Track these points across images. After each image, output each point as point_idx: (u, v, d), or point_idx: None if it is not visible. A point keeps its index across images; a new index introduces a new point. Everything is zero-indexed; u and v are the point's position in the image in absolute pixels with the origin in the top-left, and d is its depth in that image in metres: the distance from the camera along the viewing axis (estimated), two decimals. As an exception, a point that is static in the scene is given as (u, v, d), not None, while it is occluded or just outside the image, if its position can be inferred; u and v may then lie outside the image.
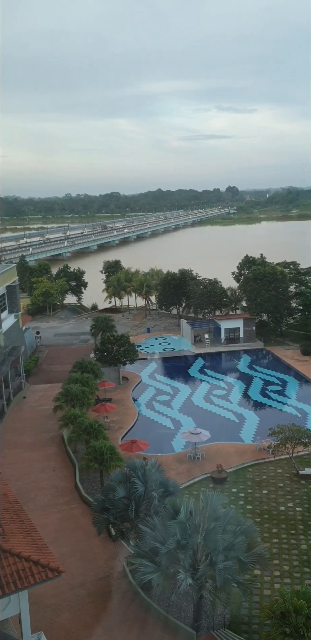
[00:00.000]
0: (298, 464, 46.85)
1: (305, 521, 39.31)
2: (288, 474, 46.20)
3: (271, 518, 39.85)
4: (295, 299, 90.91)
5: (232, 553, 27.60)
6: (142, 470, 33.70)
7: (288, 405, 63.27)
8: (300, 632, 24.08)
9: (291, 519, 39.74)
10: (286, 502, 41.87)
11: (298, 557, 35.45)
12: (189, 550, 27.16)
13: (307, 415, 59.68)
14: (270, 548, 35.59)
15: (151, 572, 27.49)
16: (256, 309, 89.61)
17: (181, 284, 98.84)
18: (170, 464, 47.59)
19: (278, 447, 46.68)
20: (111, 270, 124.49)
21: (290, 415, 58.79)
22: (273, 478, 45.71)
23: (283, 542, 37.08)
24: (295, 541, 37.09)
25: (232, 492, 43.43)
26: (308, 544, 36.74)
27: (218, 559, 26.94)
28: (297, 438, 46.06)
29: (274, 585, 32.64)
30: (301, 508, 41.03)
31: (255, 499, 42.51)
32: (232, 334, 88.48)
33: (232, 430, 56.65)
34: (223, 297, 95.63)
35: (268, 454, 49.05)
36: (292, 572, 34.04)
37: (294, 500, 42.10)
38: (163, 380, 72.77)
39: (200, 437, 49.57)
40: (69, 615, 30.14)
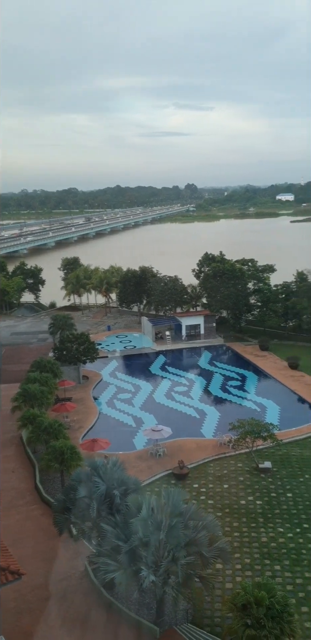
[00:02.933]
0: (257, 457, 47.50)
1: (265, 514, 39.90)
2: (248, 467, 46.81)
3: (232, 512, 40.29)
4: (254, 295, 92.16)
5: (194, 548, 27.80)
6: (104, 469, 33.54)
7: (248, 400, 64.10)
8: (261, 623, 24.44)
9: (252, 512, 40.27)
10: (247, 496, 42.41)
11: (259, 549, 35.95)
12: (152, 547, 27.17)
13: (266, 409, 60.59)
14: (231, 542, 35.98)
15: (114, 571, 27.40)
16: (216, 306, 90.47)
17: (142, 281, 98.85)
18: (132, 461, 47.53)
19: (238, 441, 47.26)
20: (70, 268, 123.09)
21: (250, 410, 59.55)
22: (233, 472, 46.23)
23: (244, 535, 37.54)
24: (255, 534, 37.61)
25: (193, 488, 43.71)
26: (268, 536, 37.30)
27: (180, 554, 27.07)
28: (256, 432, 46.69)
29: (235, 579, 33.00)
30: (261, 501, 41.62)
31: (216, 494, 42.89)
32: (193, 331, 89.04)
33: (193, 426, 57.00)
34: (184, 294, 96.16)
35: (229, 448, 49.63)
36: (253, 564, 34.50)
37: (254, 494, 42.68)
38: (124, 378, 72.60)
39: (162, 434, 49.68)
40: (30, 618, 29.73)
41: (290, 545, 36.18)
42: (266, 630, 24.36)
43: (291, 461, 47.73)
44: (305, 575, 33.30)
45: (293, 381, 68.33)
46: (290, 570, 33.84)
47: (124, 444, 52.37)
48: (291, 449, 50.11)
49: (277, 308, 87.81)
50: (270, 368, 73.97)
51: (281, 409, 60.54)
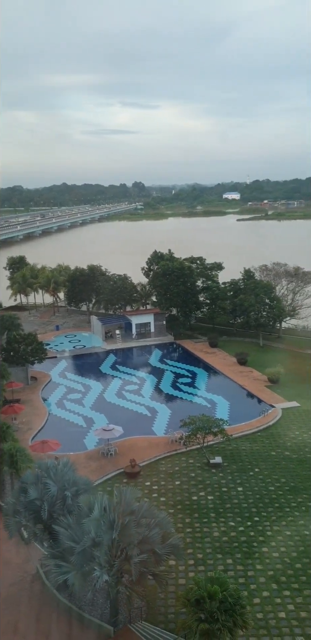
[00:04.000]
0: (208, 453, 48.01)
1: (216, 509, 40.38)
2: (200, 463, 47.26)
3: (185, 508, 40.58)
4: (203, 293, 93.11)
5: (147, 546, 27.82)
6: (55, 470, 33.11)
7: (198, 396, 64.72)
8: (215, 617, 24.71)
9: (204, 507, 40.68)
10: (198, 492, 42.80)
11: (211, 544, 36.36)
12: (105, 546, 27.03)
13: (216, 405, 61.34)
14: (184, 538, 36.23)
15: (66, 572, 27.12)
16: (165, 304, 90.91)
17: (90, 280, 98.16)
18: (83, 462, 47.15)
19: (190, 438, 47.67)
20: (16, 267, 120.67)
21: (200, 406, 60.15)
22: (185, 469, 46.55)
23: (197, 531, 37.88)
24: (207, 529, 38.00)
25: (146, 486, 43.76)
26: (220, 531, 37.77)
27: (133, 553, 27.04)
28: (207, 428, 47.23)
29: (189, 574, 33.24)
30: (212, 496, 42.09)
31: (168, 491, 43.08)
32: (143, 329, 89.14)
33: (145, 424, 57.06)
34: (133, 293, 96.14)
35: (180, 445, 49.93)
36: (206, 559, 34.85)
37: (206, 489, 43.12)
38: (73, 379, 71.88)
39: (113, 433, 49.51)
40: (-20, 625, 29.00)
41: (241, 539, 36.76)
42: (220, 623, 24.66)
43: (241, 455, 48.50)
44: (256, 567, 33.92)
45: (242, 377, 69.46)
46: (241, 563, 34.38)
47: (75, 445, 51.87)
48: (241, 443, 50.92)
49: (226, 305, 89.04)
50: (220, 364, 74.93)
51: (231, 405, 61.44)
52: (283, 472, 45.46)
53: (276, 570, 33.66)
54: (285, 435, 52.51)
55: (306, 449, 49.38)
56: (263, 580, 32.78)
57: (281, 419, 56.11)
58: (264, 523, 38.52)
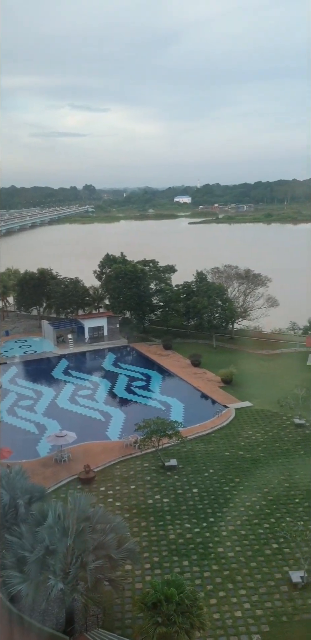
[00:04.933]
0: (163, 456, 47.99)
1: (172, 511, 40.36)
2: (155, 466, 47.16)
3: (140, 512, 40.38)
4: (156, 295, 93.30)
5: (102, 552, 27.49)
6: (6, 479, 32.36)
7: (153, 399, 64.66)
8: (172, 620, 24.68)
9: (159, 510, 40.59)
10: (154, 495, 42.69)
11: (167, 547, 36.29)
12: (59, 554, 26.55)
13: (171, 407, 61.44)
14: (140, 542, 36.05)
15: (20, 582, 26.46)
16: (119, 307, 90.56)
17: (41, 284, 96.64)
18: (36, 469, 46.25)
19: (144, 441, 47.53)
20: None
21: (155, 409, 60.10)
22: (140, 472, 46.36)
23: (153, 534, 37.73)
24: (163, 532, 37.92)
25: (100, 491, 43.32)
26: (176, 533, 37.75)
27: (89, 559, 26.67)
28: (162, 431, 47.20)
29: (145, 578, 33.06)
30: (168, 499, 42.06)
31: (124, 495, 42.78)
32: (96, 333, 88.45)
33: (99, 429, 56.55)
34: (86, 296, 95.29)
35: (135, 449, 49.72)
36: (162, 562, 34.74)
37: (161, 492, 43.05)
38: (25, 385, 70.51)
39: (66, 439, 48.82)
40: None
41: (197, 540, 36.85)
42: (177, 626, 24.65)
43: (196, 457, 48.70)
44: (213, 567, 34.07)
45: (196, 378, 69.89)
46: (197, 564, 34.45)
47: (28, 452, 50.84)
48: (196, 445, 51.14)
49: (179, 307, 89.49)
50: (174, 366, 75.17)
51: (185, 407, 61.68)
52: (237, 472, 45.91)
53: (232, 569, 33.90)
54: (238, 435, 53.08)
55: (259, 448, 50.05)
56: (219, 581, 32.94)
57: (235, 419, 56.71)
58: (219, 523, 38.76)
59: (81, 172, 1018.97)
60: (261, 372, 71.75)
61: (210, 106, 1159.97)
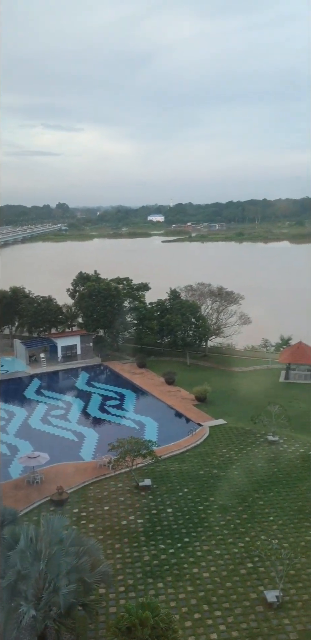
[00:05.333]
0: (137, 476, 47.54)
1: (146, 532, 39.91)
2: (129, 487, 46.67)
3: (114, 533, 39.82)
4: (130, 313, 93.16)
5: (76, 575, 26.95)
6: (-23, 502, 31.55)
7: (127, 418, 64.24)
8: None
9: (134, 531, 40.09)
10: (128, 516, 42.19)
11: (142, 569, 35.80)
12: (31, 579, 25.95)
13: (145, 426, 61.09)
14: (114, 564, 35.49)
15: (-10, 611, 25.71)
16: (92, 325, 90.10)
17: (13, 302, 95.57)
18: (7, 491, 45.30)
19: (118, 461, 47.02)
20: None
21: (129, 429, 59.67)
22: (114, 493, 45.81)
23: (127, 556, 37.20)
24: (137, 554, 37.42)
25: (74, 513, 42.64)
26: (150, 554, 37.30)
27: (62, 583, 26.12)
28: (136, 450, 46.81)
29: (119, 601, 32.49)
30: (142, 520, 41.60)
31: (97, 517, 42.18)
32: (69, 352, 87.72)
33: (72, 449, 55.83)
34: (59, 315, 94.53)
35: (109, 469, 49.15)
36: (136, 585, 34.23)
37: (135, 513, 42.57)
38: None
39: (38, 460, 48.02)
40: None
41: (172, 561, 36.46)
42: (152, 650, 24.18)
43: (170, 476, 48.39)
44: (188, 589, 33.69)
45: (170, 396, 69.72)
46: (172, 586, 34.03)
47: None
48: (170, 464, 50.83)
49: (153, 325, 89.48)
50: (148, 385, 74.89)
51: (160, 425, 61.41)
52: (211, 491, 45.72)
53: (207, 590, 33.58)
54: (212, 453, 52.97)
55: (233, 466, 50.00)
56: (195, 602, 32.57)
57: (209, 437, 56.62)
58: (194, 543, 38.45)
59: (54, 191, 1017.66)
60: (234, 389, 71.98)
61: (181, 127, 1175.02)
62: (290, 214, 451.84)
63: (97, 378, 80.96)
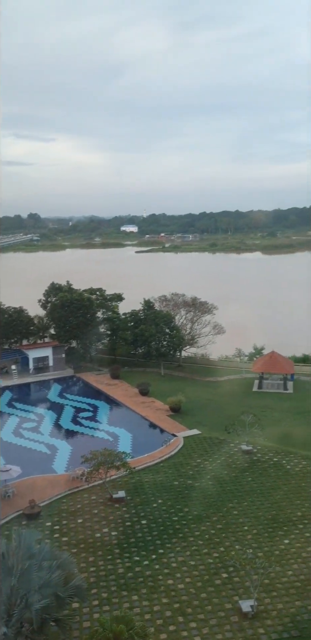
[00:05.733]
0: (111, 488, 47.10)
1: (120, 545, 39.51)
2: (102, 499, 46.21)
3: (88, 547, 39.33)
4: (103, 324, 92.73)
5: (49, 590, 26.46)
6: None
7: (100, 430, 63.74)
8: (121, 660, 23.84)
9: (108, 544, 39.67)
10: (102, 528, 41.74)
11: (116, 581, 35.40)
12: (3, 595, 25.34)
13: (118, 437, 60.68)
14: (88, 578, 35.02)
15: None
16: (65, 336, 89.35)
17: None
18: (-21, 505, 44.45)
19: (92, 473, 46.59)
20: None
21: (102, 440, 59.18)
22: (87, 505, 45.30)
23: (101, 569, 36.76)
24: (112, 566, 37.01)
25: (47, 526, 41.98)
26: (125, 567, 36.92)
27: (34, 598, 25.61)
28: (110, 462, 46.43)
29: (93, 615, 32.02)
30: (116, 532, 41.20)
31: (71, 530, 41.62)
32: (41, 363, 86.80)
33: (44, 462, 55.07)
34: (30, 326, 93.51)
35: (82, 481, 48.63)
36: (111, 598, 33.82)
37: (109, 525, 42.15)
38: None
39: (10, 473, 47.26)
40: None
41: (147, 573, 36.14)
42: (127, 665, 23.85)
43: (145, 488, 48.07)
44: (162, 601, 33.40)
45: (144, 407, 69.46)
46: (147, 598, 33.71)
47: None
48: (144, 475, 50.52)
49: (126, 336, 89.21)
50: (121, 396, 74.51)
51: (134, 437, 61.07)
52: (185, 502, 45.56)
53: (183, 602, 33.35)
54: (187, 464, 52.86)
55: (208, 477, 49.96)
56: (170, 614, 32.30)
57: (183, 448, 56.51)
58: (169, 555, 38.20)
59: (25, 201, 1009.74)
60: (209, 399, 72.12)
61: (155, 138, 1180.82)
62: (262, 225, 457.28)
63: (69, 390, 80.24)
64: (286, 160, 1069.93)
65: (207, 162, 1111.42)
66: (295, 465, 51.81)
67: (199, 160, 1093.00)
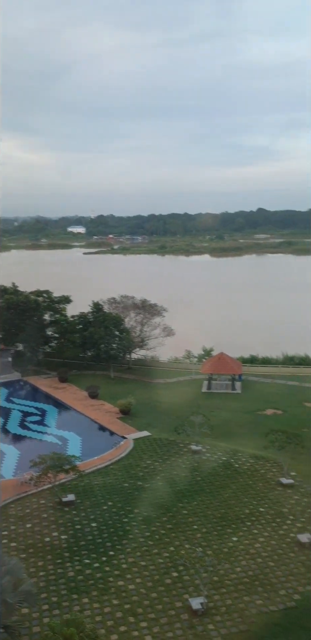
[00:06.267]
0: (60, 491, 46.72)
1: (70, 548, 39.26)
2: (51, 503, 45.77)
3: (37, 551, 38.89)
4: (51, 327, 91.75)
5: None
6: None
7: (49, 434, 63.08)
8: (72, 663, 23.75)
9: (57, 548, 39.34)
10: (51, 532, 41.35)
11: (66, 585, 35.16)
12: None
13: (67, 441, 60.23)
14: (37, 582, 34.62)
15: None
16: (11, 340, 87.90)
17: None
18: None
19: (40, 477, 46.07)
20: None
21: (51, 444, 58.57)
22: (36, 510, 44.76)
23: (50, 573, 36.42)
24: (62, 570, 36.74)
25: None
26: (75, 570, 36.72)
27: (-17, 607, 25.14)
28: (58, 466, 46.09)
29: (43, 620, 31.70)
30: (66, 535, 40.92)
31: (19, 535, 41.03)
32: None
33: (-9, 467, 54.05)
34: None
35: (31, 486, 47.96)
36: (61, 602, 33.57)
37: (59, 529, 41.81)
38: None
39: None
40: None
41: (97, 576, 36.07)
42: (77, 668, 23.78)
43: (95, 491, 47.93)
44: (113, 602, 33.42)
45: (93, 410, 69.21)
46: (98, 600, 33.64)
47: None
48: (94, 478, 50.38)
49: (75, 339, 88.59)
50: (70, 399, 73.98)
51: (83, 440, 60.78)
52: (136, 503, 45.71)
53: (133, 602, 33.47)
54: (137, 465, 53.03)
55: (158, 477, 50.30)
56: (120, 615, 32.36)
57: (133, 450, 56.66)
58: (119, 556, 38.25)
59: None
60: (158, 401, 72.55)
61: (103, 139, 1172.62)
62: (210, 228, 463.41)
63: (16, 394, 78.95)
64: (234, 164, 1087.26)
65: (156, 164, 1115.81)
66: (242, 464, 52.85)
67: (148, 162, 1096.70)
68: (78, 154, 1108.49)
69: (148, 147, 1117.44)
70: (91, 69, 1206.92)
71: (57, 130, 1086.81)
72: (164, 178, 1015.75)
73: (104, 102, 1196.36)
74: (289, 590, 34.29)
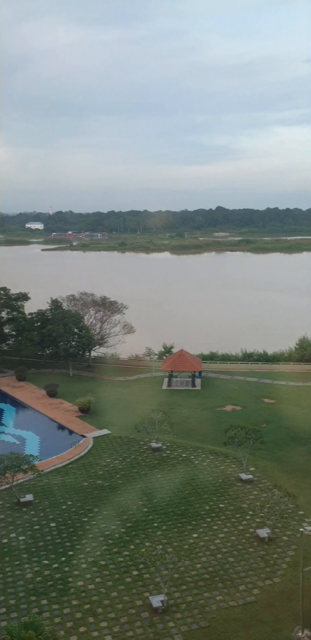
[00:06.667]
0: (18, 492, 45.94)
1: (29, 549, 38.64)
2: (9, 504, 44.95)
3: (-6, 553, 38.09)
4: (8, 324, 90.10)
5: None
6: None
7: (6, 433, 61.92)
8: (30, 667, 23.31)
9: (15, 549, 38.64)
10: (9, 534, 40.60)
11: (24, 587, 34.56)
12: None
13: (25, 440, 59.33)
14: (-6, 586, 33.91)
15: None
16: None
17: None
18: None
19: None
20: None
21: (8, 444, 57.51)
22: (-6, 511, 43.90)
23: (8, 575, 35.74)
24: (20, 571, 36.10)
25: None
26: (33, 571, 36.13)
27: None
28: (16, 466, 45.29)
29: (0, 624, 31.01)
30: (24, 536, 40.24)
31: (-24, 538, 40.13)
32: None
33: None
34: None
35: (-12, 486, 47.00)
36: (19, 604, 32.96)
37: (17, 530, 41.09)
38: None
39: None
40: None
41: (56, 576, 35.59)
42: None
43: (53, 490, 47.32)
44: (72, 603, 33.02)
45: (52, 409, 68.36)
46: (57, 602, 33.18)
47: None
48: (53, 477, 49.74)
49: (33, 336, 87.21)
50: (28, 398, 72.88)
51: (41, 439, 59.99)
52: (95, 502, 45.35)
53: (93, 602, 33.13)
54: (96, 464, 52.63)
55: (118, 476, 50.03)
56: (80, 616, 31.98)
57: (93, 448, 56.22)
58: (79, 556, 37.83)
59: None
60: (118, 399, 72.25)
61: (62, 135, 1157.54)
62: (170, 225, 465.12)
63: (-27, 392, 77.28)
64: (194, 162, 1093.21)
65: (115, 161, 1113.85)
66: (202, 460, 53.11)
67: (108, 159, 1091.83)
68: (36, 150, 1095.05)
69: (108, 143, 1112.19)
70: (48, 64, 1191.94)
71: (14, 125, 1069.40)
72: (123, 175, 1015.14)
73: (62, 98, 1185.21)
74: (248, 586, 34.58)
